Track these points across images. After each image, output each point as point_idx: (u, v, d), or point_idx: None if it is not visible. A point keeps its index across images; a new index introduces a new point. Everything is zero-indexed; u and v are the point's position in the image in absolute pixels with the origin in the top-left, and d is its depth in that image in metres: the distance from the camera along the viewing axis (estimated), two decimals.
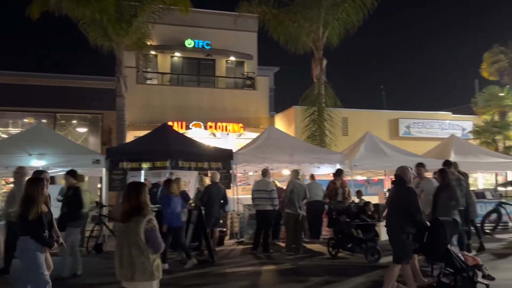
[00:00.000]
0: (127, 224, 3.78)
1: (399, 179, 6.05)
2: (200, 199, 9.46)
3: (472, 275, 5.84)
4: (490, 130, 18.82)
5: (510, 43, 19.24)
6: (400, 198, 5.91)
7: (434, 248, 5.87)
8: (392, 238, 5.90)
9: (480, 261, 6.18)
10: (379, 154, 13.04)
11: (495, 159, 14.74)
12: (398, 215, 5.83)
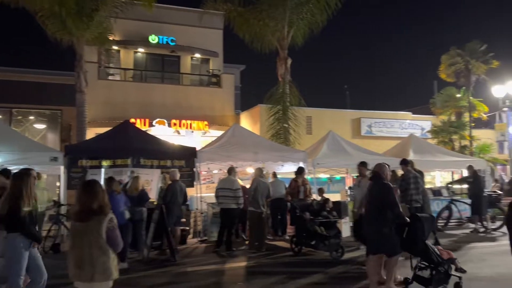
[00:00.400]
0: (87, 224, 3.68)
1: (377, 175, 6.30)
2: (162, 197, 9.34)
3: (447, 269, 6.09)
4: (447, 130, 19.53)
5: (467, 46, 20.02)
6: (379, 194, 6.12)
7: (414, 243, 6.05)
8: (375, 233, 6.08)
9: (453, 255, 6.43)
10: (341, 153, 13.29)
11: (451, 158, 15.33)
12: (378, 211, 6.04)
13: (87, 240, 3.66)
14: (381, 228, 5.95)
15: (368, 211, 6.31)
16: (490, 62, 19.85)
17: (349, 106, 26.78)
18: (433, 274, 5.99)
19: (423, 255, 6.12)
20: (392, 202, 6.04)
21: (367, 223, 6.27)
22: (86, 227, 3.69)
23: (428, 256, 6.08)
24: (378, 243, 6.04)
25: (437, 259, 6.04)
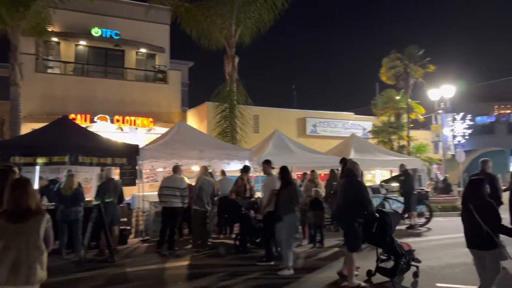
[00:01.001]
0: (23, 225, 3.48)
1: (350, 173, 6.60)
2: (95, 197, 9.01)
3: (408, 260, 6.53)
4: (387, 130, 20.39)
5: (406, 50, 20.98)
6: (352, 190, 6.39)
7: (383, 237, 6.41)
8: (344, 228, 6.45)
9: (412, 247, 6.80)
10: (285, 151, 13.49)
11: (390, 157, 16.02)
12: (351, 206, 6.32)
13: (25, 242, 3.47)
14: (352, 224, 6.28)
15: (341, 207, 6.56)
16: (427, 66, 20.95)
17: (296, 105, 27.27)
18: (397, 265, 6.38)
19: (389, 248, 6.49)
20: (366, 199, 6.36)
21: (340, 219, 6.62)
22: (23, 228, 3.48)
23: (394, 249, 6.46)
24: (347, 241, 6.42)
25: (400, 251, 6.44)
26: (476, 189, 5.01)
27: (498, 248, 4.80)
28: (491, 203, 4.93)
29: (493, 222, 4.75)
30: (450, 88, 20.19)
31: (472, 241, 4.97)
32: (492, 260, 4.80)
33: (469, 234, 5.00)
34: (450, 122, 25.38)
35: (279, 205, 7.41)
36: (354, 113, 24.55)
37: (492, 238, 4.75)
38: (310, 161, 13.48)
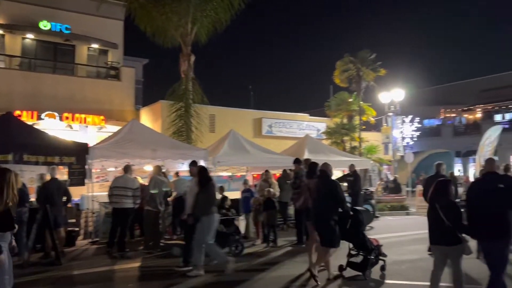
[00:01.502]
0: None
1: (324, 173, 6.96)
2: (36, 198, 8.60)
3: (377, 254, 6.98)
4: (340, 132, 20.92)
5: (359, 54, 21.64)
6: (327, 189, 6.72)
7: (356, 233, 6.84)
8: (321, 226, 6.72)
9: (380, 242, 7.21)
10: (241, 151, 13.50)
11: (343, 157, 16.41)
12: (326, 205, 6.66)
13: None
14: (328, 222, 6.59)
15: (316, 207, 6.87)
16: (378, 70, 21.71)
17: (253, 106, 27.40)
18: (368, 259, 6.84)
19: (361, 243, 6.93)
20: (341, 198, 6.79)
21: (315, 216, 6.87)
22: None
23: (365, 244, 6.90)
24: (324, 238, 6.67)
25: (370, 246, 6.90)
26: (443, 190, 5.34)
27: (462, 244, 5.14)
28: (455, 203, 5.36)
29: (456, 220, 5.10)
30: (399, 91, 20.97)
31: (437, 238, 5.30)
32: (457, 255, 5.15)
33: (435, 231, 5.32)
34: (400, 125, 26.42)
35: (197, 206, 7.26)
36: (309, 115, 24.98)
37: (457, 234, 5.11)
38: (265, 161, 13.57)
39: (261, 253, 9.27)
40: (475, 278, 6.47)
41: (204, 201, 7.23)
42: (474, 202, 5.26)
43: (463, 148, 32.51)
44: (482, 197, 5.18)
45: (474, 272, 6.60)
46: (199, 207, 7.23)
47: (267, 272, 7.41)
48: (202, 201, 7.24)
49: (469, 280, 5.98)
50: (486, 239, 5.12)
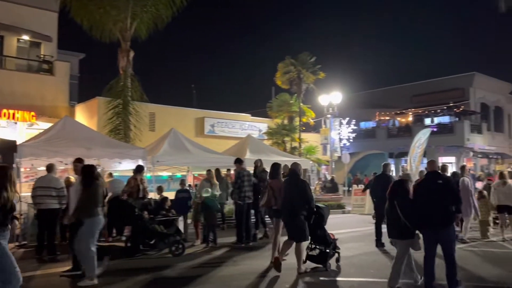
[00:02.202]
0: None
1: (294, 173, 7.47)
2: None
3: (334, 247, 7.58)
4: (281, 132, 21.27)
5: (299, 57, 22.10)
6: (297, 188, 7.21)
7: (318, 228, 7.44)
8: (293, 222, 7.13)
9: (335, 236, 7.76)
10: (182, 151, 13.30)
11: (283, 157, 16.62)
12: (296, 202, 7.14)
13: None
14: (300, 218, 7.06)
15: (286, 205, 7.29)
16: (318, 73, 22.31)
17: (196, 105, 27.11)
18: (327, 252, 7.42)
19: (323, 237, 7.47)
20: (310, 196, 7.32)
21: (286, 215, 7.29)
22: None
23: (325, 238, 7.46)
24: (296, 232, 7.12)
25: (329, 240, 7.49)
26: (400, 189, 6.08)
27: (414, 239, 5.89)
28: (411, 200, 5.99)
29: (410, 217, 5.81)
30: (338, 94, 21.74)
31: (394, 232, 6.03)
32: (406, 246, 5.92)
33: (392, 226, 6.04)
34: (337, 126, 27.36)
35: (79, 208, 6.69)
36: (251, 115, 25.16)
37: (410, 229, 5.84)
38: (207, 161, 13.47)
39: (203, 252, 9.19)
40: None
41: (87, 202, 6.63)
42: (422, 198, 5.88)
43: (396, 149, 34.24)
44: (427, 193, 5.87)
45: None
46: (81, 208, 6.64)
47: (214, 272, 7.40)
48: (84, 202, 6.64)
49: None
50: (436, 228, 5.76)
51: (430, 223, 5.76)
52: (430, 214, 5.75)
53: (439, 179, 6.02)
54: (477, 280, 6.63)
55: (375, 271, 7.24)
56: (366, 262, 8.09)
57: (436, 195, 5.80)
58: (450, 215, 5.81)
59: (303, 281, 6.78)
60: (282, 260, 7.31)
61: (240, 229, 10.13)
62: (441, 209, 5.74)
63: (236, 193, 10.41)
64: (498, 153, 35.62)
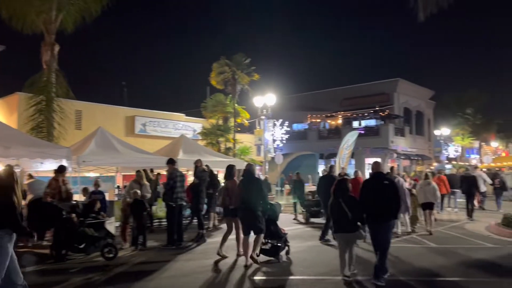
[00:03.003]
0: None
1: (249, 172, 8.09)
2: None
3: (286, 241, 8.33)
4: (215, 133, 21.17)
5: (234, 58, 22.13)
6: (253, 186, 7.87)
7: (271, 223, 8.15)
8: (252, 218, 7.74)
9: (286, 231, 8.56)
10: (110, 151, 12.76)
11: (217, 158, 16.61)
12: (254, 199, 7.78)
13: None
14: (257, 214, 7.72)
15: (245, 202, 7.82)
16: (252, 75, 22.49)
17: (127, 103, 26.14)
18: (279, 246, 8.11)
19: (275, 232, 8.19)
20: (266, 193, 8.15)
21: (244, 212, 7.84)
22: None
23: (277, 232, 8.20)
24: (254, 227, 7.77)
25: (281, 235, 8.21)
26: (344, 187, 6.81)
27: (358, 231, 6.62)
28: (354, 197, 6.81)
29: (356, 212, 6.54)
30: (272, 96, 22.01)
31: (340, 227, 6.71)
32: (354, 239, 6.70)
33: (338, 222, 6.75)
34: (271, 128, 27.77)
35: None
36: (185, 115, 24.79)
37: (355, 223, 6.56)
38: (137, 161, 13.02)
39: (135, 255, 8.85)
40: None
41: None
42: (368, 195, 6.60)
43: (326, 150, 35.46)
44: (374, 191, 6.61)
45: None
46: None
47: (153, 276, 7.21)
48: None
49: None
50: (378, 222, 6.51)
51: (376, 217, 6.51)
52: (376, 209, 6.48)
53: (385, 179, 6.77)
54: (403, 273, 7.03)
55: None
56: (310, 256, 8.52)
57: (382, 193, 6.52)
58: (392, 211, 6.59)
59: (249, 278, 6.89)
60: (241, 254, 8.06)
61: (171, 231, 9.91)
62: (385, 206, 6.48)
63: (168, 194, 10.17)
64: (419, 155, 38.18)
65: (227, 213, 8.72)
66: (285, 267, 7.66)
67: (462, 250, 9.26)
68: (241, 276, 7.07)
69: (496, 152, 47.81)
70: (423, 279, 6.88)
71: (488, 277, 6.98)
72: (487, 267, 7.73)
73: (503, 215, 12.38)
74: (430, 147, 41.69)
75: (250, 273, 7.24)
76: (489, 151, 45.78)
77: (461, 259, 8.33)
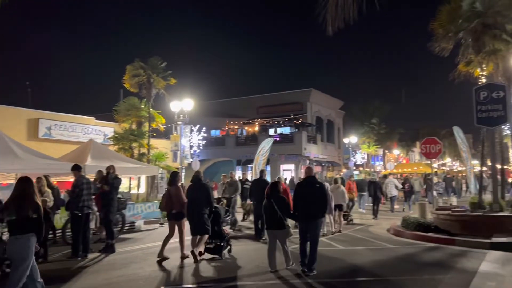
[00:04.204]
0: None
1: (197, 178, 9.15)
2: None
3: (228, 240, 9.34)
4: (128, 138, 20.28)
5: (150, 61, 21.41)
6: (202, 191, 8.92)
7: (216, 225, 9.14)
8: (199, 219, 8.70)
9: (228, 231, 9.86)
10: (9, 156, 11.63)
11: (129, 164, 15.96)
12: (201, 203, 8.76)
13: None
14: (204, 217, 8.74)
15: (193, 206, 8.75)
16: (169, 79, 21.92)
17: (32, 105, 24.09)
18: (221, 245, 9.04)
19: (219, 232, 9.13)
20: (212, 198, 9.14)
21: (192, 214, 8.75)
22: None
23: (221, 233, 9.16)
24: (201, 227, 8.71)
25: (224, 235, 9.20)
26: (276, 189, 7.88)
27: (287, 229, 7.64)
28: (284, 198, 7.95)
29: (285, 210, 7.65)
30: (189, 102, 21.70)
31: (272, 224, 7.73)
32: (283, 235, 7.71)
33: (270, 219, 7.75)
34: (188, 133, 27.44)
35: None
36: (95, 118, 23.52)
37: (283, 221, 7.62)
38: (40, 167, 12.00)
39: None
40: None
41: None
42: (302, 197, 7.68)
43: (243, 157, 35.88)
44: (306, 193, 7.66)
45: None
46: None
47: None
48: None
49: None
50: (310, 219, 7.57)
51: (307, 216, 7.59)
52: (308, 209, 7.56)
53: (317, 183, 7.89)
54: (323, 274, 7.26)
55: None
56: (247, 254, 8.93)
57: (313, 194, 7.60)
58: (322, 210, 7.76)
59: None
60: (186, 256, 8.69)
61: (76, 241, 9.30)
62: (317, 205, 7.58)
63: (73, 203, 9.55)
64: (329, 161, 40.21)
65: (170, 217, 9.16)
66: (228, 263, 8.58)
67: (367, 251, 9.86)
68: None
69: (398, 160, 52.04)
70: (342, 280, 7.23)
71: (390, 276, 7.47)
72: (389, 266, 8.31)
73: (402, 217, 13.43)
74: (340, 154, 44.11)
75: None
76: (392, 158, 49.66)
77: (367, 259, 8.85)
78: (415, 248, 10.27)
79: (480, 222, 11.22)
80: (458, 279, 7.17)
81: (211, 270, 8.11)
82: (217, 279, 7.35)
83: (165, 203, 9.27)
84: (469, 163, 22.18)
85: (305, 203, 7.58)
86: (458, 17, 12.91)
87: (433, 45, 13.87)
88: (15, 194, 5.57)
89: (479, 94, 11.98)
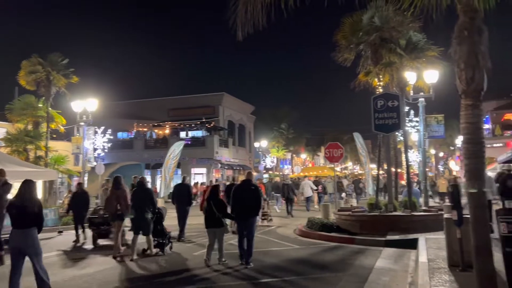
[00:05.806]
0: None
1: (141, 183, 10.27)
2: None
3: (169, 238, 10.31)
4: (23, 139, 18.57)
5: (49, 57, 19.82)
6: (145, 195, 9.83)
7: (159, 224, 10.04)
8: (142, 221, 9.54)
9: (169, 229, 10.46)
10: None
11: (24, 168, 14.60)
12: (144, 206, 9.61)
13: None
14: (147, 218, 9.58)
15: (137, 208, 9.60)
16: (71, 77, 20.47)
17: None
18: (163, 242, 10.00)
19: (161, 231, 10.06)
20: (155, 200, 10.09)
21: (137, 215, 9.58)
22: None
23: (163, 231, 10.07)
24: (144, 228, 9.57)
25: (166, 233, 10.11)
26: (215, 192, 8.98)
27: (224, 227, 8.75)
28: (222, 200, 9.13)
29: (223, 211, 8.75)
30: (93, 102, 20.47)
31: (211, 223, 8.71)
32: (221, 233, 8.71)
33: (209, 219, 8.73)
34: (92, 135, 25.87)
35: None
36: None
37: (222, 220, 8.68)
38: None
39: None
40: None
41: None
42: (240, 197, 8.67)
43: (153, 160, 34.86)
44: (244, 194, 8.66)
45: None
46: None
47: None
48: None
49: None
50: (247, 218, 8.61)
51: (244, 214, 8.60)
52: (245, 208, 8.56)
53: (252, 185, 8.88)
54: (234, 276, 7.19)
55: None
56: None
57: (250, 195, 8.60)
58: (257, 209, 8.87)
59: None
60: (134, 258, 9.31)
61: None
62: (253, 205, 8.60)
63: None
64: (241, 165, 40.70)
65: (114, 217, 9.76)
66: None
67: (273, 252, 10.06)
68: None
69: (305, 163, 54.35)
70: (242, 282, 7.21)
71: (293, 276, 7.68)
72: (293, 267, 8.56)
73: (307, 218, 13.97)
74: (251, 158, 44.90)
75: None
76: (299, 162, 51.71)
77: (272, 261, 9.04)
78: (318, 248, 10.73)
79: (376, 221, 12.09)
80: (357, 275, 7.60)
81: (156, 265, 8.98)
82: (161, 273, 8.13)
83: (110, 204, 9.89)
84: (368, 167, 23.84)
85: (243, 204, 8.58)
86: (359, 30, 13.86)
87: (336, 55, 14.69)
88: (21, 192, 6.20)
89: (377, 102, 12.92)
